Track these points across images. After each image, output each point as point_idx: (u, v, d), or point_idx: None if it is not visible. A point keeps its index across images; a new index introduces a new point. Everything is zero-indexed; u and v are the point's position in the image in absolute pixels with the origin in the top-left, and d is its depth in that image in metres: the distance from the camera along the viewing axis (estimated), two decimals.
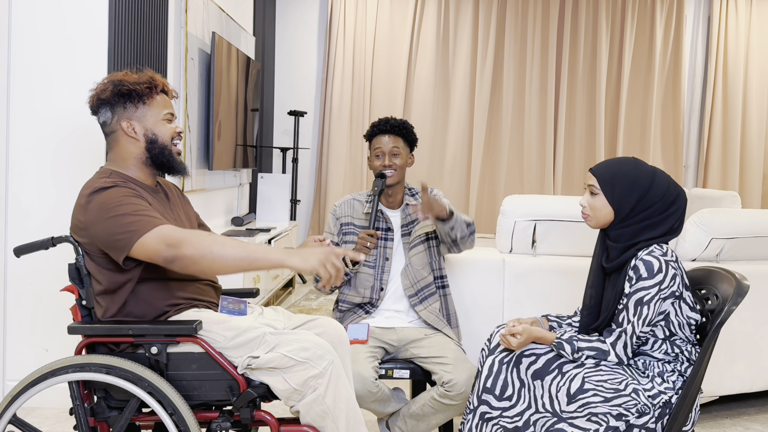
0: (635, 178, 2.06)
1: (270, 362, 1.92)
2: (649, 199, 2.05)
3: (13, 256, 2.81)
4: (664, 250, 2.03)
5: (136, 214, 1.88)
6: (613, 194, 2.07)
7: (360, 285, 2.67)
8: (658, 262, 2.00)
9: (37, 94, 3.16)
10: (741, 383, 3.24)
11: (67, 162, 3.16)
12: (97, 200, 1.92)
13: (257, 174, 5.74)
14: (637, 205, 2.05)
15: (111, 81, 2.06)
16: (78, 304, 2.03)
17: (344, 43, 6.72)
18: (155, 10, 3.57)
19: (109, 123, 2.07)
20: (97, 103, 2.06)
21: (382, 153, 2.68)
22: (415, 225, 2.72)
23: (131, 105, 2.05)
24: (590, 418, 1.98)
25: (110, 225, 1.88)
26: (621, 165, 2.11)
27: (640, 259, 2.02)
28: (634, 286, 2.01)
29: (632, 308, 2.01)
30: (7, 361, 3.22)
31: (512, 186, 6.88)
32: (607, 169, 2.11)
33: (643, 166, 2.09)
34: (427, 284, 2.69)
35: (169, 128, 2.10)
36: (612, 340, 2.04)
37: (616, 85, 6.93)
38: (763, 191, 7.04)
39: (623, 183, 2.06)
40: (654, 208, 2.05)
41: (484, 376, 2.11)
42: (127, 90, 2.03)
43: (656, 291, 1.99)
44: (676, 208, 2.06)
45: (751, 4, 6.92)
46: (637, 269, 2.01)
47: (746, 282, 2.00)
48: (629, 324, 2.01)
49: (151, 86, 2.07)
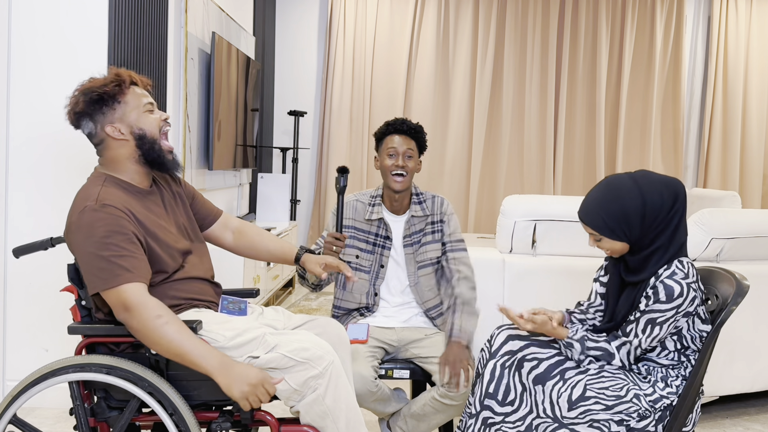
0: (625, 208, 1.95)
1: (270, 362, 1.92)
2: (650, 215, 1.96)
3: (13, 257, 2.81)
4: (686, 271, 1.96)
5: (111, 262, 1.86)
6: (613, 232, 1.98)
7: (356, 290, 2.65)
8: (680, 287, 1.94)
9: (36, 94, 3.16)
10: (741, 383, 3.24)
11: (66, 163, 3.16)
12: (84, 221, 1.89)
13: (257, 174, 5.74)
14: (642, 224, 1.96)
15: (80, 92, 2.01)
16: (77, 304, 2.03)
17: (344, 43, 6.72)
18: (155, 10, 3.57)
19: (94, 133, 2.03)
20: (75, 117, 2.03)
21: (395, 152, 2.60)
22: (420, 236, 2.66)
23: (108, 108, 2.01)
24: (592, 425, 1.97)
25: (86, 259, 1.89)
26: (604, 202, 1.98)
27: (661, 281, 1.96)
28: (650, 306, 1.96)
29: (642, 324, 1.98)
30: (7, 361, 3.22)
31: (512, 186, 6.87)
32: (595, 214, 1.99)
33: (624, 186, 1.96)
34: (434, 305, 2.67)
35: (153, 118, 2.06)
36: (617, 345, 2.03)
37: (616, 85, 6.92)
38: (763, 191, 7.03)
39: (617, 219, 1.96)
40: (659, 219, 1.96)
41: (486, 381, 2.09)
42: (97, 95, 1.99)
43: (672, 314, 1.95)
44: (677, 208, 1.98)
45: (751, 4, 6.92)
46: (656, 291, 1.96)
47: (746, 282, 2.00)
48: (636, 338, 1.99)
49: (119, 83, 2.02)
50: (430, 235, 2.67)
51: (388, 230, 2.66)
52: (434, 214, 2.70)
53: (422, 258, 2.65)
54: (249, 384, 1.83)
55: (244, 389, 1.83)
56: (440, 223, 2.69)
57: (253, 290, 2.38)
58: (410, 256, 2.66)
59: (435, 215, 2.70)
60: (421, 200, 2.70)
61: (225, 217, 2.37)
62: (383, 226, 2.66)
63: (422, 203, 2.69)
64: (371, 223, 2.66)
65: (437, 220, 2.69)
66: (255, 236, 2.37)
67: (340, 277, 2.68)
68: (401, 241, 2.67)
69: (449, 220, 2.70)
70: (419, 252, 2.65)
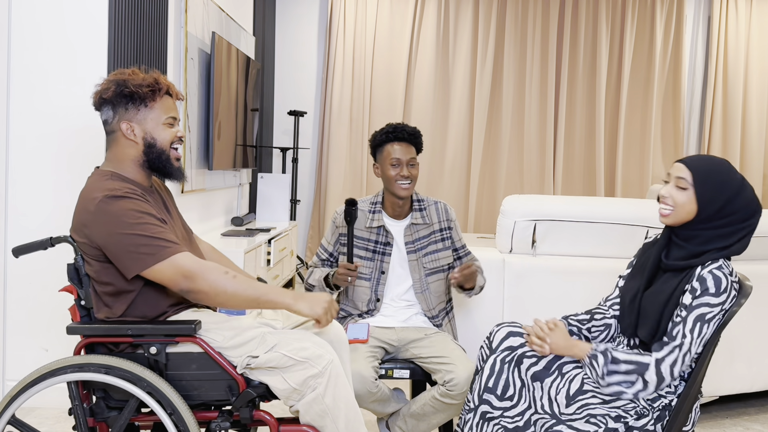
0: (728, 180, 1.93)
1: (269, 362, 1.92)
2: (734, 205, 1.93)
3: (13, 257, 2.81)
4: (731, 270, 1.93)
5: (154, 237, 1.88)
6: (703, 192, 1.93)
7: (357, 298, 2.65)
8: (726, 281, 1.89)
9: (37, 94, 3.15)
10: (741, 383, 3.24)
11: (66, 162, 3.16)
12: (108, 209, 1.89)
13: (257, 174, 5.74)
14: (723, 208, 1.93)
15: (115, 80, 2.03)
16: (77, 304, 2.03)
17: (344, 43, 6.71)
18: (155, 10, 3.57)
19: (110, 122, 2.05)
20: (99, 101, 2.04)
21: (399, 162, 2.58)
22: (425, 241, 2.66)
23: (133, 107, 2.02)
24: (589, 420, 1.97)
25: (125, 241, 1.88)
26: (715, 163, 1.97)
27: (710, 272, 1.89)
28: (698, 300, 1.88)
29: (691, 323, 1.87)
30: (7, 361, 3.22)
31: (512, 186, 6.87)
32: (703, 165, 1.96)
33: (735, 170, 1.97)
34: (438, 312, 2.68)
35: (170, 132, 2.07)
36: (661, 356, 1.89)
37: (616, 85, 6.92)
38: (763, 191, 7.03)
39: (716, 182, 1.93)
40: (735, 216, 1.93)
41: (486, 376, 2.09)
42: (129, 92, 2.01)
43: (719, 310, 1.88)
44: (751, 222, 1.96)
45: (751, 4, 6.92)
46: (704, 281, 1.88)
47: (748, 283, 1.99)
48: (686, 339, 1.87)
49: (155, 89, 2.03)
50: (441, 242, 2.68)
51: (389, 236, 2.65)
52: (441, 221, 2.69)
53: (434, 265, 2.66)
54: (326, 301, 1.98)
55: (325, 306, 1.97)
56: (448, 230, 2.69)
57: None
58: (415, 263, 2.65)
59: (442, 222, 2.70)
60: (423, 207, 2.69)
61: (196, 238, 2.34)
62: (383, 233, 2.66)
63: (423, 210, 2.68)
64: (371, 231, 2.66)
65: (446, 227, 2.70)
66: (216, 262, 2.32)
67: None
68: (404, 246, 2.66)
69: (455, 227, 2.73)
70: (429, 259, 2.65)
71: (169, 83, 2.10)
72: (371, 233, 2.65)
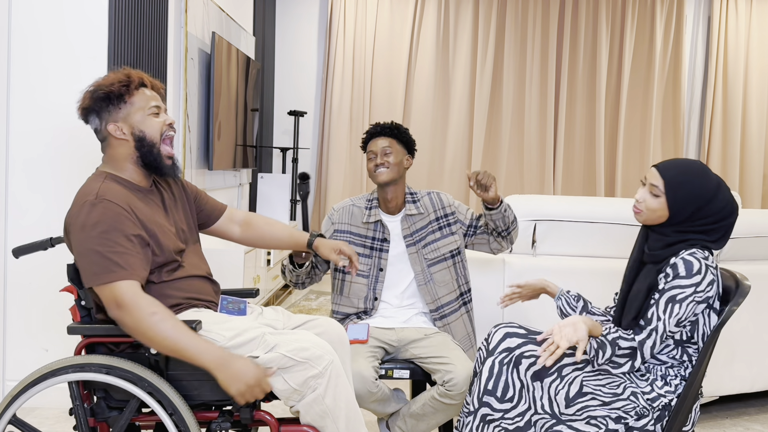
0: (701, 189, 1.98)
1: (270, 362, 1.92)
2: (705, 211, 1.99)
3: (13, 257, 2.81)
4: (706, 255, 1.98)
5: (108, 257, 1.87)
6: (675, 201, 1.99)
7: (353, 295, 2.64)
8: (699, 264, 1.94)
9: (37, 95, 3.16)
10: (741, 383, 3.24)
11: (66, 162, 3.16)
12: (83, 217, 1.91)
13: (257, 174, 5.74)
14: (693, 214, 1.99)
15: (88, 89, 2.05)
16: (77, 304, 2.03)
17: (344, 43, 6.72)
18: (155, 10, 3.57)
19: (100, 129, 2.05)
20: (82, 112, 2.06)
21: (374, 154, 2.63)
22: (423, 232, 2.67)
23: (113, 107, 2.02)
24: (589, 421, 1.97)
25: (84, 253, 1.89)
26: (690, 171, 2.01)
27: (681, 258, 1.96)
28: (669, 283, 1.95)
29: (663, 304, 1.95)
30: (7, 361, 3.22)
31: (512, 186, 6.87)
32: (677, 174, 2.01)
33: (710, 177, 2.01)
34: (447, 302, 2.65)
35: (157, 122, 2.06)
36: (642, 338, 1.96)
37: (616, 85, 6.92)
38: (763, 191, 7.03)
39: (686, 191, 1.98)
40: (707, 220, 1.99)
41: (485, 378, 2.08)
42: (103, 93, 2.01)
43: (692, 291, 1.94)
44: (725, 224, 2.01)
45: (751, 4, 6.92)
46: (675, 267, 1.96)
47: (747, 282, 2.00)
48: (659, 321, 1.95)
49: (127, 83, 2.03)
50: (438, 231, 2.67)
51: (386, 232, 2.65)
52: (436, 210, 2.69)
53: (435, 255, 2.65)
54: (246, 384, 1.85)
55: (240, 388, 1.85)
56: (452, 216, 2.69)
57: (253, 290, 2.38)
58: (415, 256, 2.65)
59: (438, 210, 2.69)
60: (416, 199, 2.70)
61: (230, 212, 2.39)
62: (380, 229, 2.66)
63: (416, 202, 2.69)
64: (368, 227, 2.66)
65: (442, 215, 2.69)
66: (263, 226, 2.41)
67: (336, 283, 2.68)
68: (402, 240, 2.66)
69: (459, 208, 2.71)
70: (429, 249, 2.65)
71: (143, 75, 2.09)
72: (368, 229, 2.66)
